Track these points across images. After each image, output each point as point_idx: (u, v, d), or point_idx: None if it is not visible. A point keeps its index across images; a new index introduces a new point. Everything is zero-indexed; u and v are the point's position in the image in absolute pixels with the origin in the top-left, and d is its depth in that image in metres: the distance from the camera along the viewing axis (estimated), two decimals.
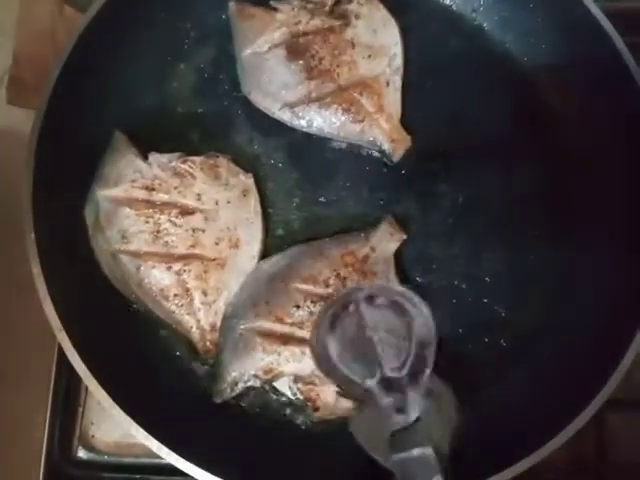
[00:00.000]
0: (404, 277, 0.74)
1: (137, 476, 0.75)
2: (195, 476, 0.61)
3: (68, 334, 0.62)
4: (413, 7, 0.83)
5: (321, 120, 0.76)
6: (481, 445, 0.67)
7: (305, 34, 0.76)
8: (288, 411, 0.72)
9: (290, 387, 0.67)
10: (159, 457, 0.61)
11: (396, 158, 0.77)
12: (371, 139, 0.77)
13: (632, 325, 0.65)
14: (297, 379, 0.67)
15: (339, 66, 0.76)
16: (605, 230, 0.75)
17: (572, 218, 0.78)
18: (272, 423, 0.71)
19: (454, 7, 0.84)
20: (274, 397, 0.72)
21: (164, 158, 0.72)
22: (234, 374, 0.67)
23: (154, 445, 0.60)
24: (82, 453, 0.76)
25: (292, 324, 0.67)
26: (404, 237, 0.74)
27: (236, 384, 0.67)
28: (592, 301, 0.73)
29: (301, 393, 0.67)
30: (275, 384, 0.69)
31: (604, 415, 0.76)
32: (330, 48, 0.76)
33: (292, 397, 0.68)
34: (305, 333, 0.66)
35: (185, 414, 0.69)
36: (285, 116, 0.76)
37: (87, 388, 0.75)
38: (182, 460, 0.60)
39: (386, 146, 0.77)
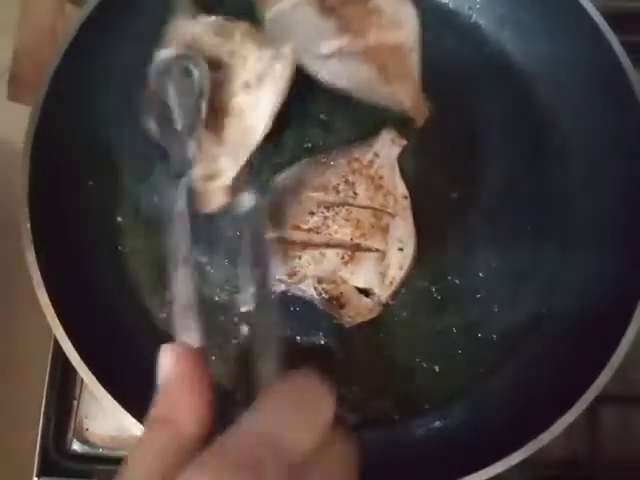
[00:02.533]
0: None
1: None
2: None
3: (62, 322, 0.62)
4: None
5: (351, 77, 0.76)
6: (472, 438, 0.69)
7: None
8: None
9: (315, 288, 0.70)
10: None
11: (419, 123, 0.77)
12: (397, 102, 0.77)
13: (624, 321, 0.66)
14: (320, 280, 0.70)
15: (368, 27, 0.75)
16: (601, 229, 0.76)
17: (567, 216, 0.78)
18: None
19: (450, 5, 0.85)
20: None
21: (208, 19, 0.69)
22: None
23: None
24: (76, 446, 0.76)
25: (309, 230, 0.70)
26: (405, 143, 0.77)
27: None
28: (584, 296, 0.74)
29: (326, 292, 0.69)
30: (301, 286, 0.70)
31: (598, 411, 0.76)
32: (356, 11, 0.75)
33: (317, 297, 0.70)
34: (322, 237, 0.70)
35: None
36: (317, 67, 0.76)
37: (82, 381, 0.75)
38: None
39: (412, 111, 0.77)
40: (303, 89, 0.78)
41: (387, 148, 0.76)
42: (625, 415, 0.78)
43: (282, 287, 0.71)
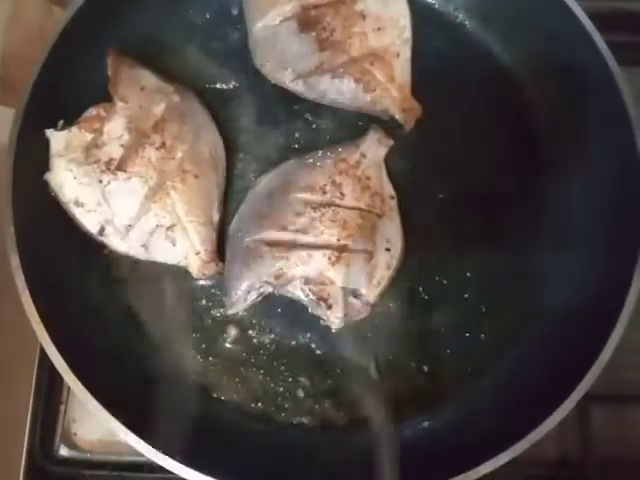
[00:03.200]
0: None
1: (118, 474, 0.75)
2: (175, 472, 0.61)
3: (46, 327, 0.62)
4: None
5: (334, 90, 0.77)
6: (464, 438, 0.68)
7: (316, 7, 0.77)
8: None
9: (302, 289, 0.70)
10: (140, 455, 0.61)
11: (408, 127, 0.78)
12: (383, 109, 0.77)
13: (611, 319, 0.66)
14: (307, 281, 0.70)
15: (350, 37, 0.76)
16: (590, 229, 0.75)
17: (556, 217, 0.78)
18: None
19: (436, 5, 0.85)
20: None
21: None
22: (246, 282, 0.70)
23: (132, 440, 0.61)
24: (64, 451, 0.76)
25: (296, 231, 0.71)
26: (392, 143, 0.77)
27: (249, 292, 0.70)
28: (572, 296, 0.74)
29: (313, 293, 0.70)
30: (288, 288, 0.70)
31: (588, 411, 0.76)
32: (341, 20, 0.77)
33: (305, 298, 0.70)
34: (309, 238, 0.70)
35: (168, 410, 0.68)
36: (298, 87, 0.77)
37: (69, 386, 0.75)
38: (161, 455, 0.60)
39: (398, 116, 0.77)
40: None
41: (374, 148, 0.76)
42: (615, 415, 0.78)
43: (269, 289, 0.70)
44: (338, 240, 0.70)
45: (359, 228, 0.71)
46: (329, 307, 0.70)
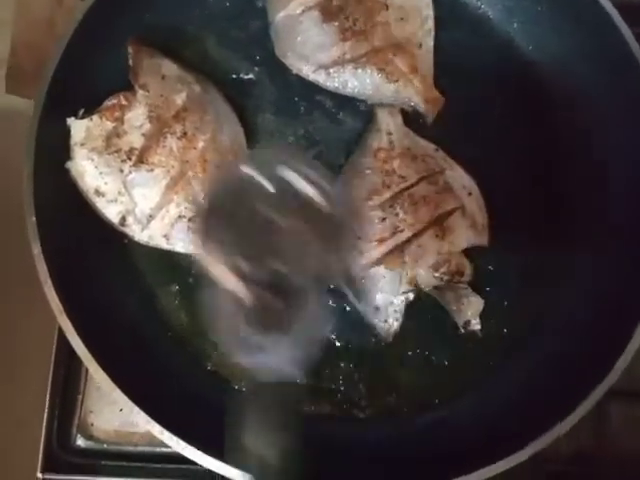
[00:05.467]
0: None
1: (136, 464, 0.74)
2: (197, 461, 0.60)
3: (69, 316, 0.61)
4: None
5: (356, 81, 0.76)
6: (483, 434, 0.68)
7: None
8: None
9: (435, 277, 0.70)
10: (158, 445, 0.60)
11: (430, 118, 0.77)
12: (405, 99, 0.77)
13: (633, 317, 0.65)
14: (436, 266, 0.70)
15: (373, 27, 0.76)
16: (605, 225, 0.75)
17: (573, 212, 0.77)
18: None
19: None
20: None
21: None
22: (390, 308, 0.71)
23: (156, 429, 0.60)
24: (81, 441, 0.75)
25: (393, 234, 0.70)
26: (399, 108, 0.77)
27: (395, 311, 0.71)
28: (593, 292, 0.73)
29: (446, 274, 0.70)
30: (425, 288, 0.71)
31: (605, 406, 0.76)
32: (364, 9, 0.76)
33: (442, 284, 0.71)
34: (407, 232, 0.70)
35: (189, 398, 0.69)
36: (320, 78, 0.77)
37: (86, 376, 0.75)
38: (183, 444, 0.60)
39: (421, 106, 0.77)
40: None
41: (392, 122, 0.76)
42: (632, 411, 0.78)
43: (411, 296, 0.71)
44: (431, 215, 0.71)
45: (436, 193, 0.71)
46: (461, 274, 0.70)
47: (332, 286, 0.72)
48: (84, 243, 0.70)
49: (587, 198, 0.77)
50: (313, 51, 0.76)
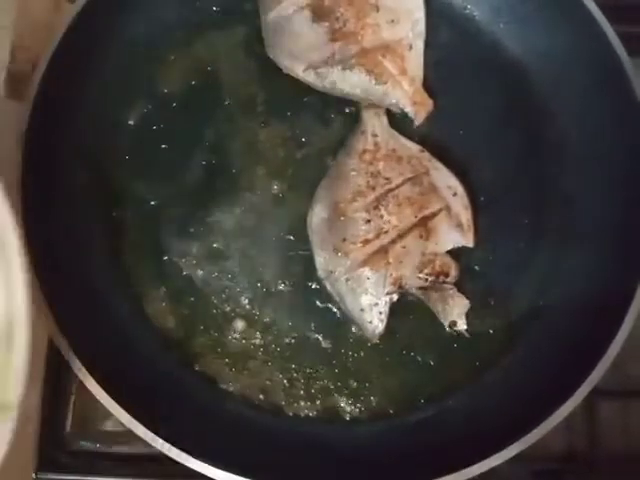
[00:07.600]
0: None
1: (129, 464, 0.75)
2: (188, 465, 0.61)
3: (57, 320, 0.62)
4: None
5: (345, 81, 0.76)
6: (468, 433, 0.69)
7: None
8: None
9: (419, 277, 0.71)
10: (152, 446, 0.61)
11: (418, 121, 0.77)
12: (394, 101, 0.77)
13: (619, 314, 0.66)
14: (420, 268, 0.71)
15: (363, 29, 0.76)
16: (599, 223, 0.75)
17: (564, 211, 0.78)
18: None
19: None
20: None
21: None
22: (375, 309, 0.70)
23: (140, 430, 0.61)
24: (75, 442, 0.76)
25: (377, 236, 0.71)
26: (384, 108, 0.77)
27: (380, 313, 0.70)
28: (581, 290, 0.73)
29: (430, 275, 0.71)
30: (409, 289, 0.72)
31: (596, 406, 0.76)
32: (354, 11, 0.76)
33: (426, 285, 0.71)
34: (391, 234, 0.70)
35: (179, 401, 0.70)
36: (309, 77, 0.77)
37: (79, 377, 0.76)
38: (168, 445, 0.61)
39: (409, 109, 0.77)
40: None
41: (377, 123, 0.77)
42: (623, 409, 0.78)
43: (395, 297, 0.71)
44: (415, 217, 0.71)
45: (421, 194, 0.72)
46: (447, 275, 0.71)
47: (317, 286, 0.73)
48: (70, 246, 0.71)
49: (571, 197, 0.78)
50: (303, 51, 0.77)
